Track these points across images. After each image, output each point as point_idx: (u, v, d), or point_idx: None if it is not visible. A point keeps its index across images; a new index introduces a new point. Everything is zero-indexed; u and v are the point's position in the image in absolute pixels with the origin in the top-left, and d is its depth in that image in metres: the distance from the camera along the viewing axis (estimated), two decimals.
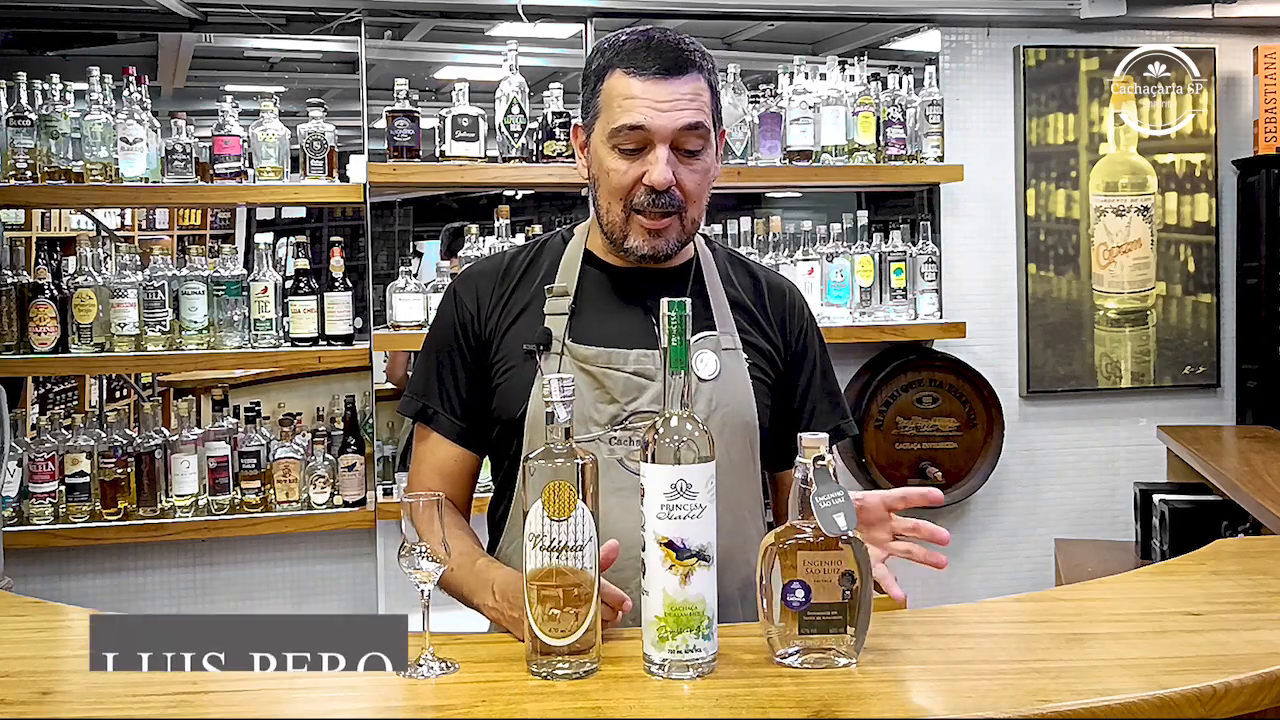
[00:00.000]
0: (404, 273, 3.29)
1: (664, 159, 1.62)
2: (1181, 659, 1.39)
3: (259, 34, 3.48)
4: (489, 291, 1.76)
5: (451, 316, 1.77)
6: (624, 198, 1.66)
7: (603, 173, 1.67)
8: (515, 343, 1.71)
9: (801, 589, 1.37)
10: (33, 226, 3.49)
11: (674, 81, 1.62)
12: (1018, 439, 3.90)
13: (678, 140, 1.63)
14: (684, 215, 1.67)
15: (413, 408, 1.78)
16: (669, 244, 1.68)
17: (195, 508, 3.22)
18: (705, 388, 1.68)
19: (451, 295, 1.79)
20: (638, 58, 1.64)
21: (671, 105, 1.62)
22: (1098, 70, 3.94)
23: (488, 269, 1.80)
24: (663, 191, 1.63)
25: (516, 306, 1.75)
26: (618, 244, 1.70)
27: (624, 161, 1.64)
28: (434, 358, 1.78)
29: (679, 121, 1.62)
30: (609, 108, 1.65)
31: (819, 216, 3.76)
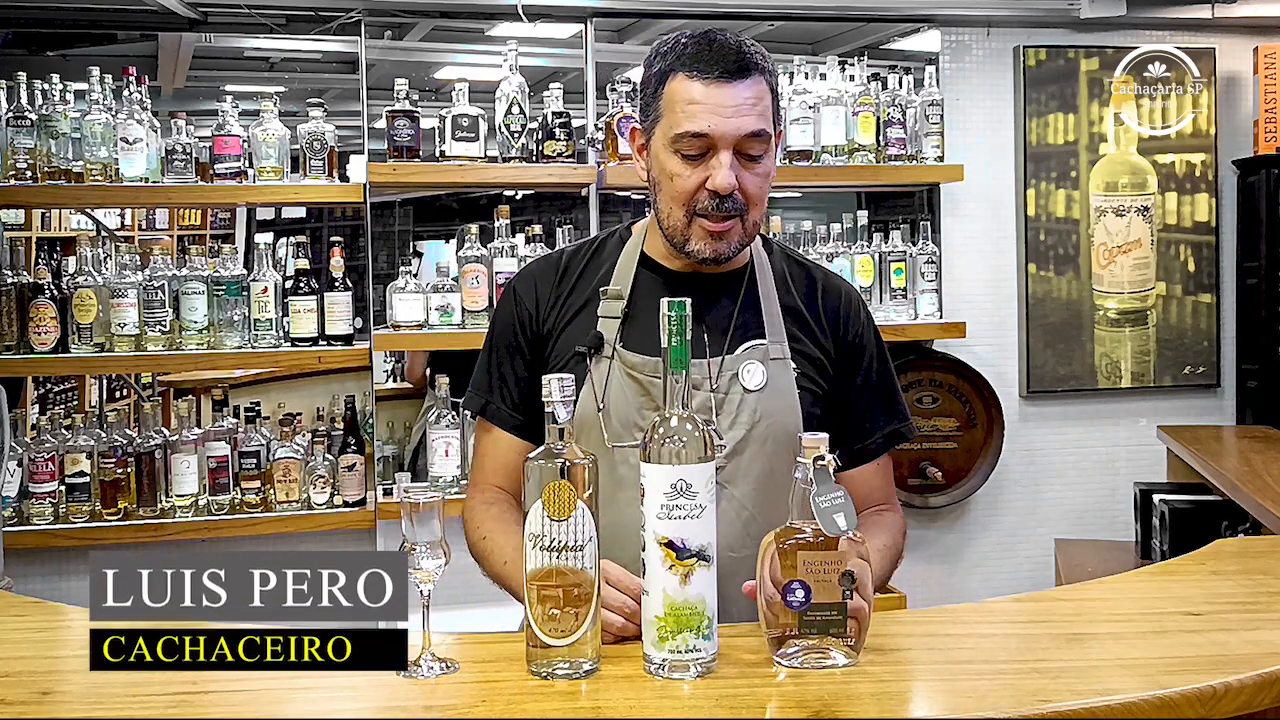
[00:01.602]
0: (404, 273, 3.29)
1: (727, 164, 1.62)
2: (1181, 659, 1.39)
3: (259, 34, 3.48)
4: (547, 290, 1.78)
5: (511, 314, 1.80)
6: (686, 203, 1.66)
7: (665, 177, 1.67)
8: (569, 343, 1.73)
9: (801, 589, 1.37)
10: (33, 226, 3.49)
11: (737, 85, 1.62)
12: (1018, 439, 3.90)
13: (740, 145, 1.63)
14: (745, 218, 1.67)
15: (475, 404, 1.81)
16: (730, 247, 1.68)
17: (195, 508, 3.22)
18: (750, 398, 1.68)
19: (511, 293, 1.82)
20: (700, 61, 1.64)
21: (735, 111, 1.62)
22: (1098, 70, 3.94)
23: (546, 268, 1.82)
24: (726, 196, 1.63)
25: (573, 306, 1.76)
26: (678, 247, 1.70)
27: (687, 167, 1.65)
28: (494, 355, 1.81)
29: (743, 129, 1.62)
30: (671, 112, 1.65)
31: (819, 216, 3.76)
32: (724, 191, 1.63)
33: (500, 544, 1.69)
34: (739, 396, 1.68)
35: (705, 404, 1.66)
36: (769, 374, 1.70)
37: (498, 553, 1.69)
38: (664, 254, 1.76)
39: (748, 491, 1.67)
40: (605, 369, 1.69)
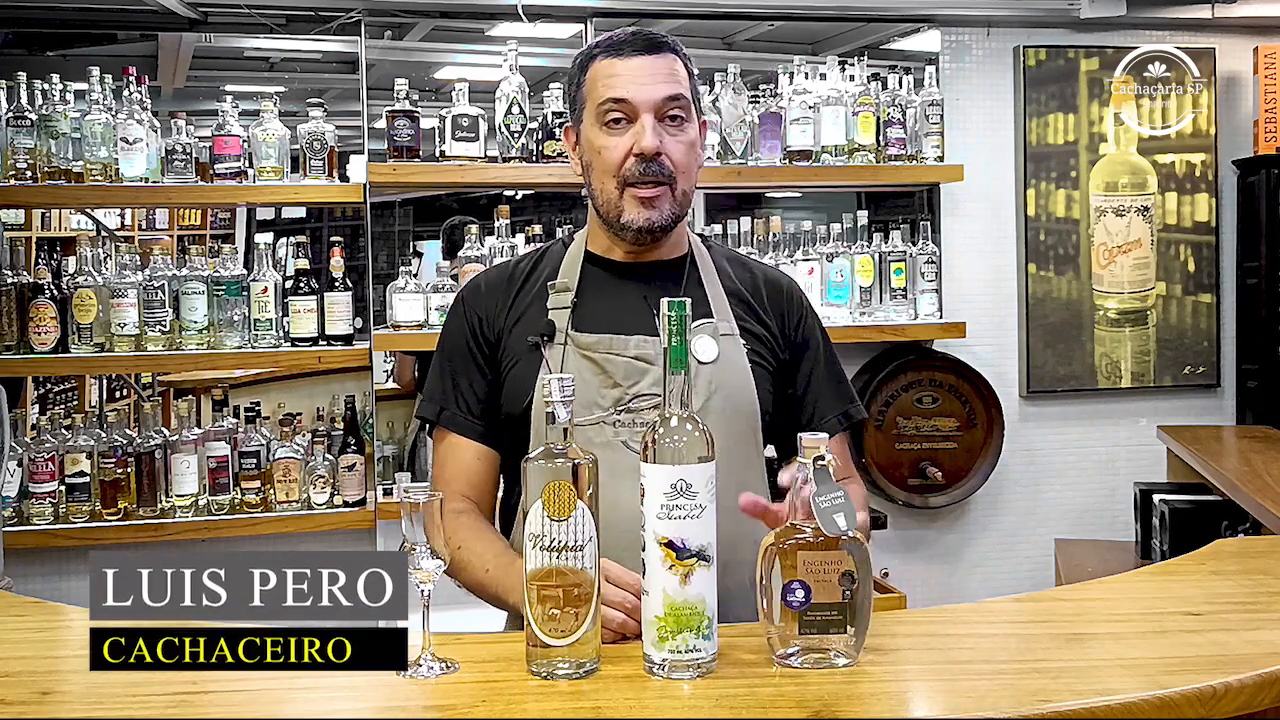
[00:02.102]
0: (404, 273, 3.29)
1: (650, 127, 1.69)
2: (1181, 659, 1.39)
3: (259, 34, 3.48)
4: (495, 297, 1.82)
5: (462, 322, 1.83)
6: (616, 173, 1.71)
7: (594, 154, 1.74)
8: (520, 338, 1.77)
9: (801, 589, 1.37)
10: (33, 226, 3.49)
11: (652, 58, 1.72)
12: (1018, 439, 3.90)
13: (661, 110, 1.71)
14: (675, 187, 1.72)
15: (431, 411, 1.82)
16: (662, 214, 1.73)
17: (195, 508, 3.22)
18: (705, 371, 1.72)
19: (460, 304, 1.85)
20: (615, 43, 1.75)
21: (651, 78, 1.71)
22: (1098, 70, 3.94)
23: (493, 277, 1.86)
24: (652, 159, 1.69)
25: (521, 306, 1.80)
26: (614, 223, 1.74)
27: (613, 137, 1.71)
28: (447, 363, 1.82)
29: (660, 93, 1.70)
30: (594, 90, 1.73)
31: (819, 216, 3.76)
32: (649, 152, 1.68)
33: (479, 552, 1.68)
34: (694, 369, 1.72)
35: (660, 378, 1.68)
36: (720, 348, 1.74)
37: (477, 561, 1.68)
38: (605, 247, 1.82)
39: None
40: (560, 354, 1.74)
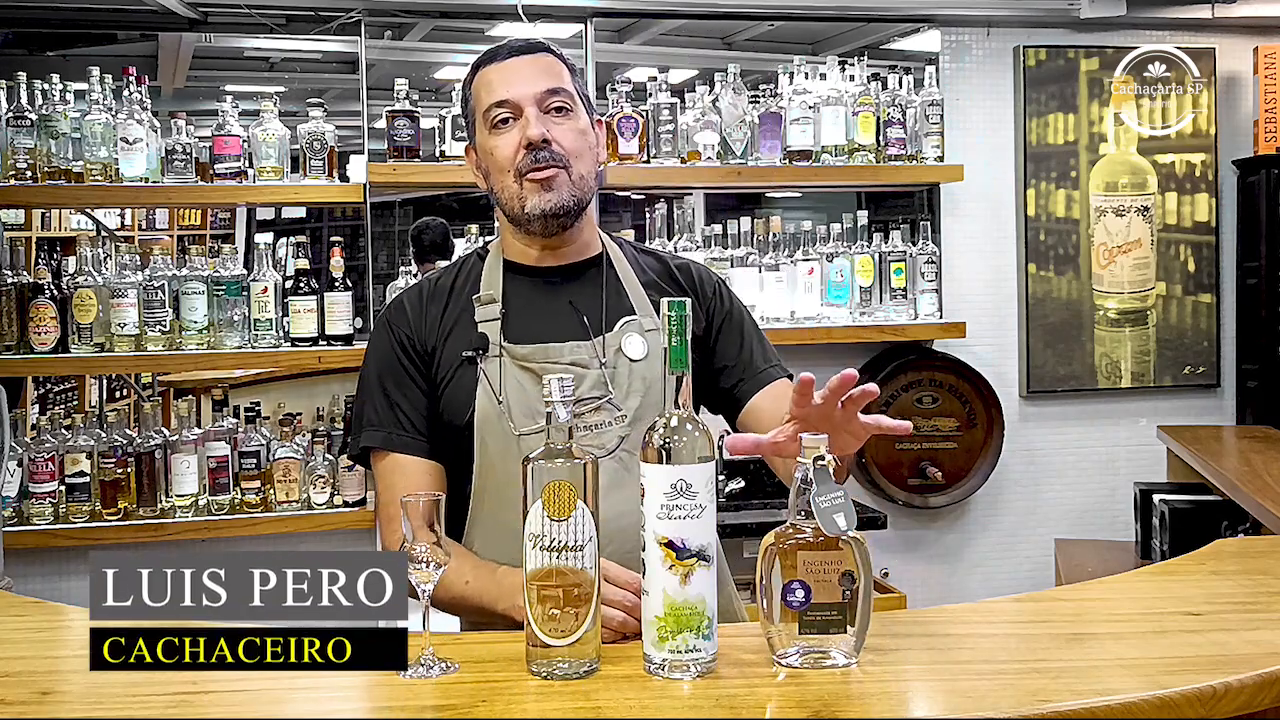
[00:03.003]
0: (404, 273, 3.29)
1: (535, 117, 1.73)
2: (1181, 659, 1.39)
3: (259, 34, 3.48)
4: (420, 312, 1.82)
5: (388, 342, 1.81)
6: (511, 167, 1.75)
7: (489, 157, 1.78)
8: (454, 352, 1.77)
9: (801, 589, 1.37)
10: (33, 226, 3.49)
11: (527, 58, 1.78)
12: (1018, 439, 3.90)
13: (544, 103, 1.75)
14: (570, 170, 1.75)
15: (375, 439, 1.77)
16: (561, 196, 1.75)
17: (195, 508, 3.22)
18: (638, 368, 1.76)
19: (385, 324, 1.84)
20: (492, 53, 1.81)
21: (529, 76, 1.76)
22: (1098, 70, 3.94)
23: (414, 295, 1.86)
24: (541, 147, 1.73)
25: (449, 320, 1.81)
26: (520, 217, 1.76)
27: (501, 138, 1.76)
28: (382, 385, 1.79)
29: (539, 86, 1.75)
30: (479, 100, 1.79)
31: (819, 216, 3.76)
32: (536, 140, 1.72)
33: (454, 566, 1.62)
34: (627, 368, 1.76)
35: (599, 380, 1.74)
36: (649, 344, 1.78)
37: (454, 576, 1.63)
38: (520, 252, 1.84)
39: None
40: (496, 366, 1.75)
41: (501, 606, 1.60)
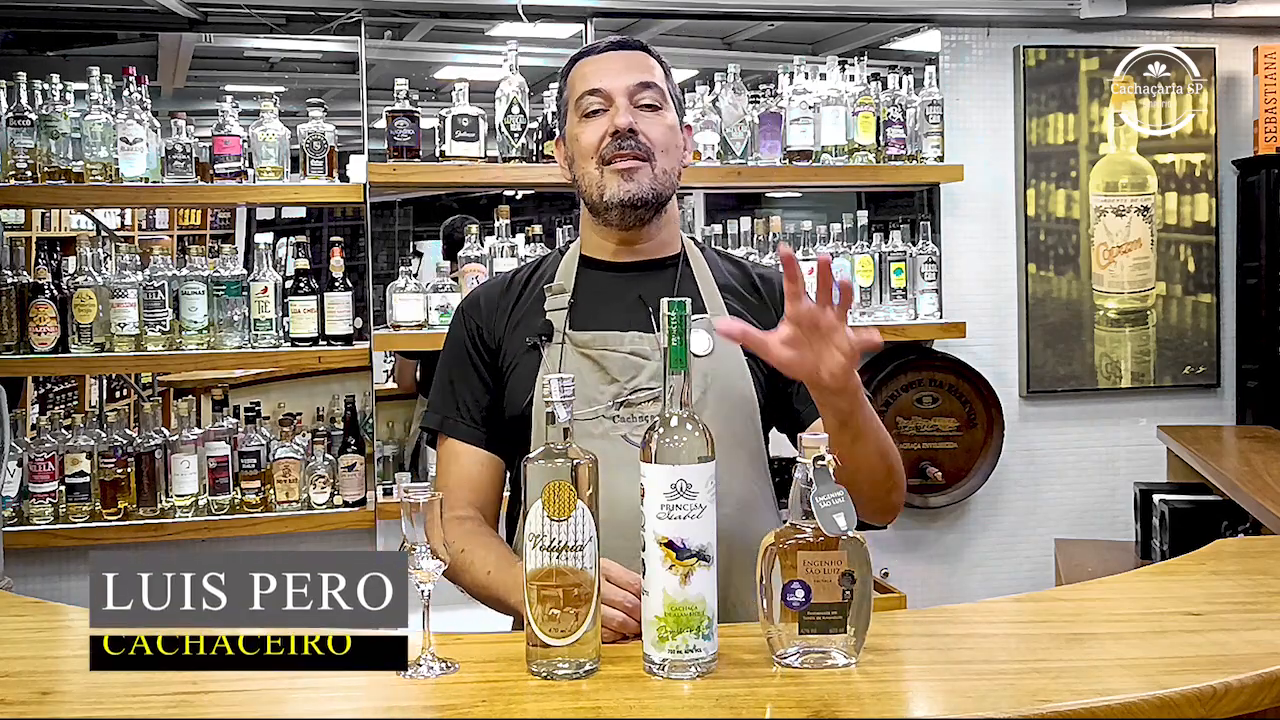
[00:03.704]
0: (404, 273, 3.29)
1: (624, 107, 1.76)
2: (1181, 659, 1.39)
3: (259, 34, 3.48)
4: (494, 305, 1.86)
5: (461, 331, 1.87)
6: (595, 154, 1.76)
7: (575, 144, 1.80)
8: (519, 341, 1.80)
9: (801, 589, 1.37)
10: (33, 226, 3.49)
11: (624, 52, 1.82)
12: (1018, 439, 3.90)
13: (635, 97, 1.77)
14: (653, 163, 1.76)
15: (434, 421, 1.86)
16: (641, 187, 1.75)
17: (195, 508, 3.22)
18: (700, 364, 1.74)
19: (460, 314, 1.89)
20: (590, 48, 1.85)
21: (623, 69, 1.79)
22: (1098, 70, 3.94)
23: (491, 287, 1.91)
24: (627, 136, 1.74)
25: (520, 313, 1.84)
26: (599, 205, 1.78)
27: (591, 123, 1.78)
28: (448, 372, 1.86)
29: (632, 79, 1.78)
30: (574, 91, 1.81)
31: (819, 216, 3.76)
32: (623, 128, 1.74)
33: (481, 555, 1.70)
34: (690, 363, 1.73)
35: (657, 372, 1.72)
36: (714, 341, 1.76)
37: (479, 564, 1.70)
38: (598, 246, 1.85)
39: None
40: (558, 353, 1.77)
41: (514, 599, 1.61)
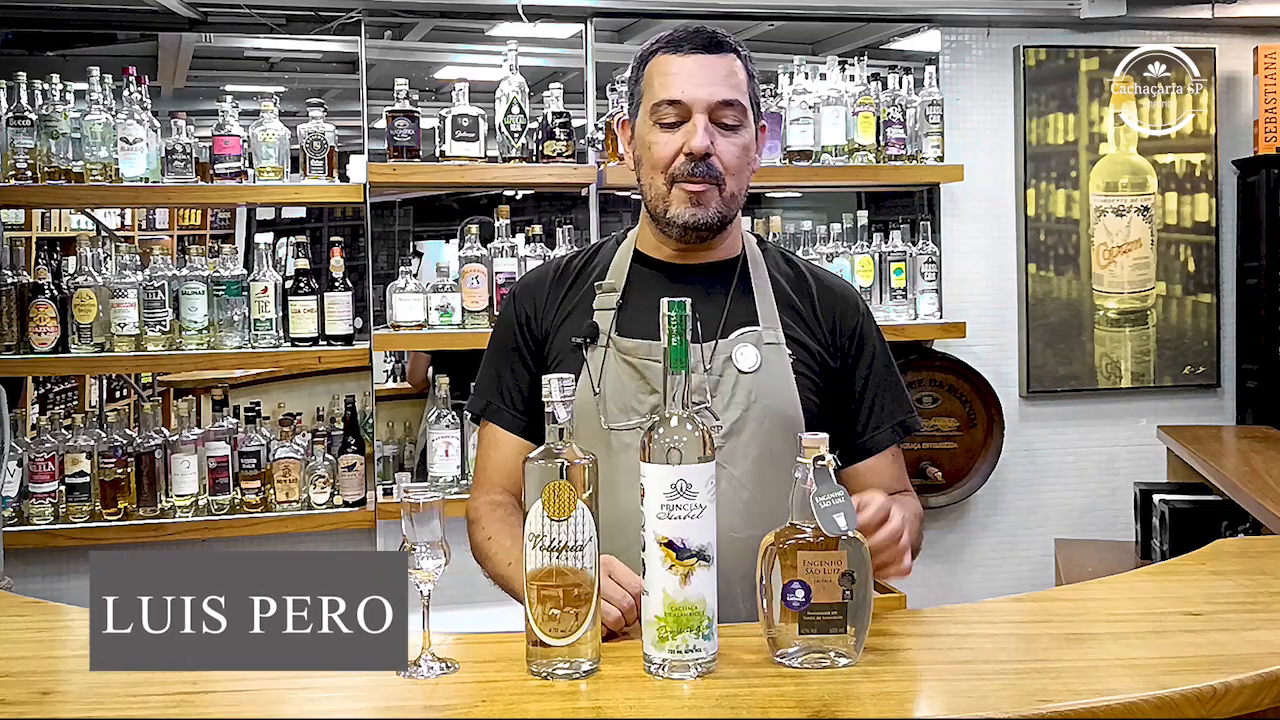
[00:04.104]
0: (404, 273, 3.29)
1: (702, 127, 1.68)
2: (1181, 659, 1.39)
3: (259, 34, 3.48)
4: (544, 293, 1.84)
5: (511, 318, 1.85)
6: (665, 169, 1.71)
7: (645, 149, 1.73)
8: (566, 337, 1.78)
9: (801, 589, 1.37)
10: (33, 226, 3.49)
11: (710, 58, 1.70)
12: (1018, 439, 3.90)
13: (715, 114, 1.69)
14: (723, 187, 1.71)
15: (477, 406, 1.86)
16: (709, 212, 1.71)
17: (195, 508, 3.22)
18: (745, 380, 1.72)
19: (511, 299, 1.88)
20: (676, 40, 1.73)
21: (708, 79, 1.69)
22: (1098, 70, 3.94)
23: (545, 272, 1.88)
24: (701, 159, 1.68)
25: (570, 305, 1.82)
26: (661, 218, 1.74)
27: (665, 134, 1.70)
28: (495, 358, 1.86)
29: (715, 96, 1.69)
30: (650, 87, 1.73)
31: (819, 216, 3.76)
32: (698, 152, 1.67)
33: (506, 546, 1.71)
34: (734, 378, 1.72)
35: (700, 385, 1.70)
36: (763, 356, 1.73)
37: (502, 555, 1.71)
38: (654, 245, 1.81)
39: (747, 470, 1.70)
40: (601, 356, 1.74)
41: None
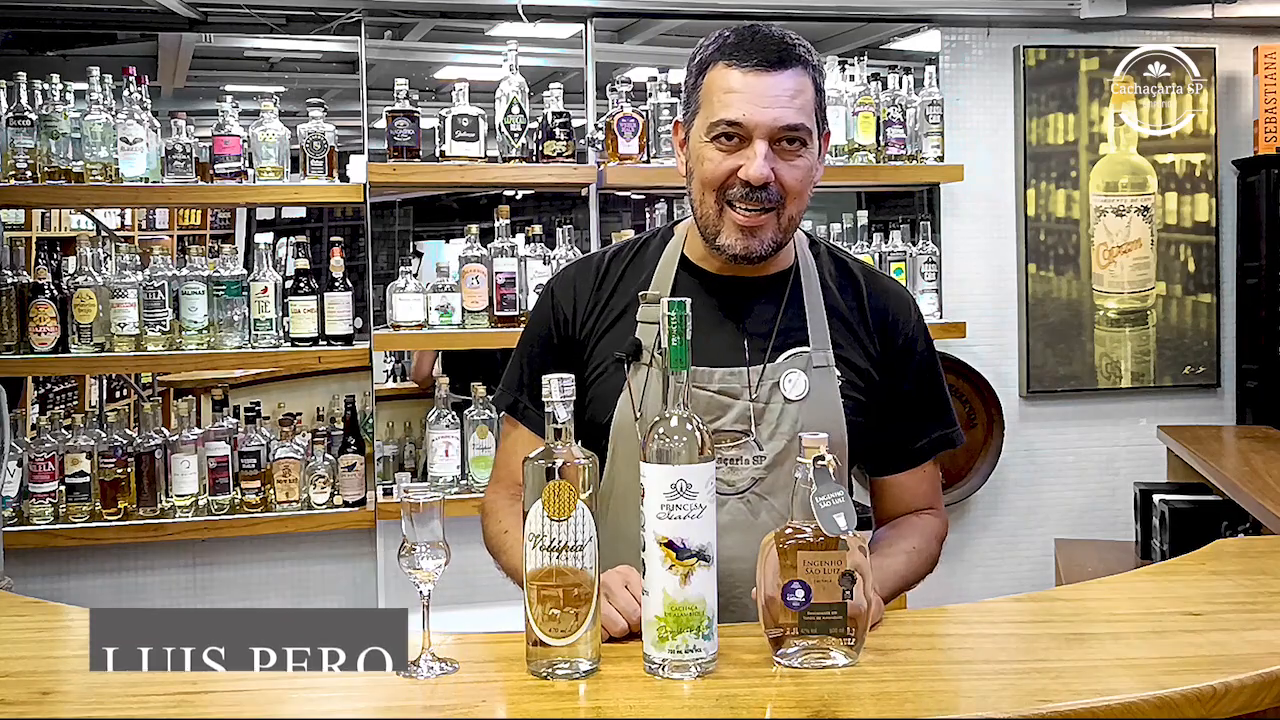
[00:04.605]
0: (404, 273, 3.29)
1: (762, 154, 1.58)
2: (1181, 659, 1.39)
3: (259, 34, 3.48)
4: (586, 293, 1.75)
5: (548, 316, 1.77)
6: (718, 188, 1.62)
7: (698, 163, 1.63)
8: (608, 349, 1.69)
9: (801, 589, 1.37)
10: (33, 226, 3.49)
11: (776, 75, 1.59)
12: (1018, 439, 3.90)
13: (776, 137, 1.59)
14: (781, 213, 1.62)
15: (505, 401, 1.81)
16: (763, 244, 1.63)
17: (195, 508, 3.22)
18: (791, 409, 1.64)
19: (549, 295, 1.78)
20: (740, 50, 1.60)
21: (773, 101, 1.58)
22: (1098, 70, 3.94)
23: (585, 270, 1.78)
24: (760, 186, 1.59)
25: (612, 312, 1.73)
26: (710, 240, 1.65)
27: (721, 153, 1.61)
28: (527, 353, 1.79)
29: (780, 120, 1.58)
30: (709, 102, 1.62)
31: (819, 216, 3.76)
32: (757, 182, 1.58)
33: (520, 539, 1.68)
34: (779, 407, 1.64)
35: (744, 414, 1.63)
36: (811, 383, 1.65)
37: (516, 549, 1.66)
38: (703, 255, 1.71)
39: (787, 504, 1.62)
40: (644, 376, 1.65)
41: None
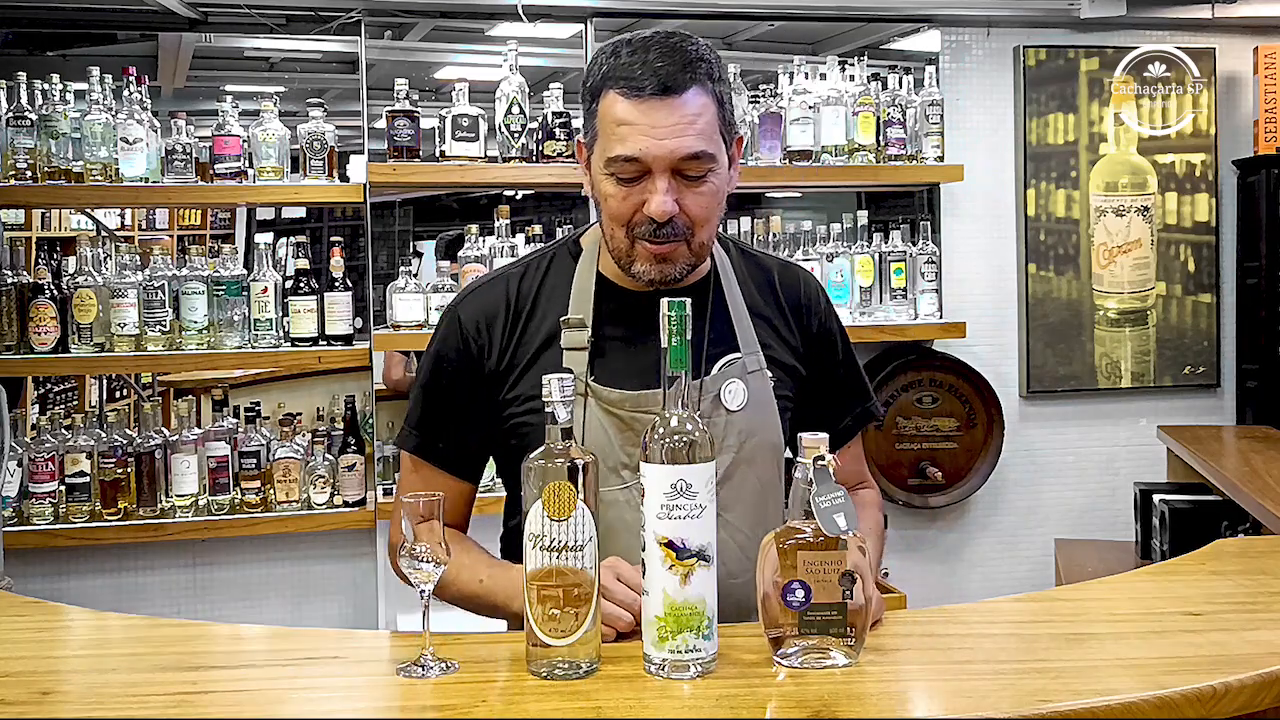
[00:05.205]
0: (404, 273, 3.29)
1: (663, 190, 1.51)
2: (1181, 659, 1.39)
3: (259, 34, 3.48)
4: (500, 323, 1.66)
5: (456, 347, 1.66)
6: (626, 224, 1.56)
7: (602, 198, 1.58)
8: (534, 381, 1.55)
9: (801, 589, 1.37)
10: (33, 226, 3.49)
11: (673, 101, 1.50)
12: (1018, 439, 3.90)
13: (679, 167, 1.52)
14: (692, 240, 1.57)
15: (410, 442, 1.70)
16: (677, 269, 1.59)
17: (195, 508, 3.22)
18: (735, 419, 1.63)
19: (456, 325, 1.67)
20: (633, 75, 1.52)
21: (670, 131, 1.50)
22: (1098, 70, 3.94)
23: (494, 296, 1.68)
24: (664, 222, 1.53)
25: (533, 340, 1.65)
26: (625, 268, 1.61)
27: (622, 189, 1.54)
28: (434, 388, 1.69)
29: (679, 151, 1.51)
30: (604, 134, 1.55)
31: (819, 216, 3.76)
32: (661, 219, 1.52)
33: (468, 564, 1.64)
34: (723, 420, 1.62)
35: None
36: (750, 390, 1.64)
37: (468, 574, 1.63)
38: (618, 274, 1.66)
39: (743, 515, 1.64)
40: (580, 409, 1.58)
41: (516, 605, 1.56)
